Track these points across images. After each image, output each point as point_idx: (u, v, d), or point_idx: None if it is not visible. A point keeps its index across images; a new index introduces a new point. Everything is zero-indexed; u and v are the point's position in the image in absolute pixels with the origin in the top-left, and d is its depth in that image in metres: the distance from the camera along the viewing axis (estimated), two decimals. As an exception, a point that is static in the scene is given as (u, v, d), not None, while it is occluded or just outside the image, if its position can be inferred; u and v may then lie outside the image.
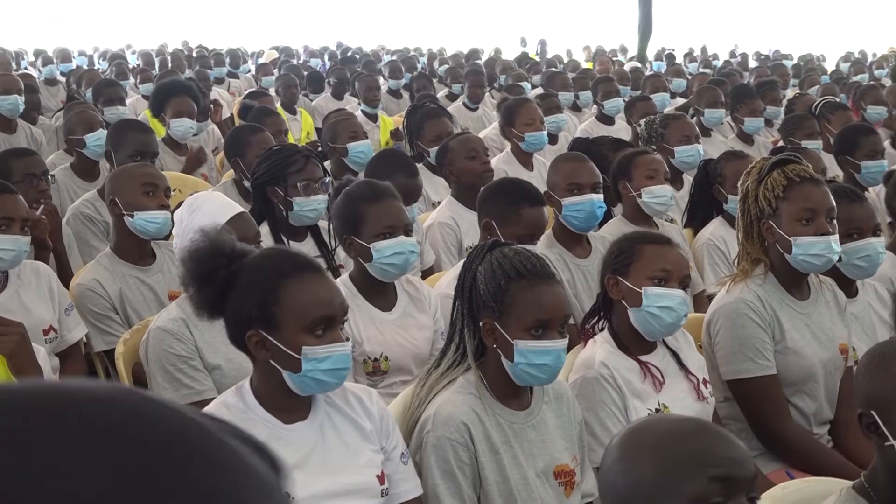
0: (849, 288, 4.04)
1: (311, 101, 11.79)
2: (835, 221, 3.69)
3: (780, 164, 3.70)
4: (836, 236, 3.67)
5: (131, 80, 13.09)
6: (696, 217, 5.46)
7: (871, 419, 2.32)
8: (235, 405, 2.74)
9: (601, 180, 4.78)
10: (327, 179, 4.89)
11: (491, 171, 5.64)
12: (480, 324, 2.96)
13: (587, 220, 4.66)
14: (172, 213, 4.20)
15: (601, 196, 4.70)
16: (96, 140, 6.25)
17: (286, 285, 2.68)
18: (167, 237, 4.47)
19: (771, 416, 3.63)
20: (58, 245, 5.05)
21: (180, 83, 8.07)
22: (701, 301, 4.93)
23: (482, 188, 4.61)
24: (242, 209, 3.93)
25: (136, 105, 10.10)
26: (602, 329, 3.49)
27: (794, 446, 3.64)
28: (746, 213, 3.75)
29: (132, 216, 4.42)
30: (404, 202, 5.09)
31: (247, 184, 5.82)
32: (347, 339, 2.76)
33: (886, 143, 7.05)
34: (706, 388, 3.49)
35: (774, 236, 3.69)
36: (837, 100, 8.89)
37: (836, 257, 3.68)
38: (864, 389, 2.37)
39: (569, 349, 3.10)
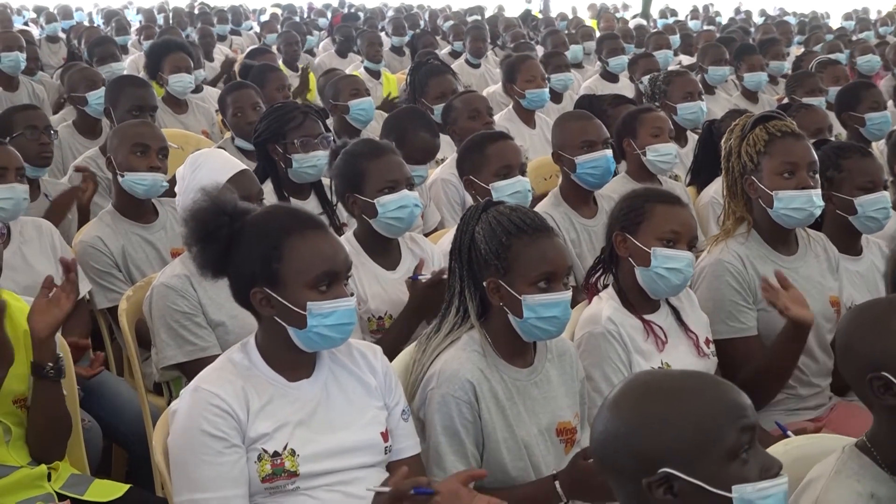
0: (852, 246, 4.04)
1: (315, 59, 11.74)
2: (817, 176, 3.70)
3: (763, 121, 3.72)
4: (819, 190, 3.68)
5: (133, 36, 13.03)
6: (700, 176, 5.45)
7: (882, 380, 2.28)
8: (241, 362, 2.74)
9: (609, 136, 4.78)
10: (328, 135, 4.87)
11: None
12: (484, 284, 2.96)
13: (603, 176, 4.66)
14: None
15: (611, 152, 4.70)
16: (98, 98, 6.23)
17: (289, 241, 2.68)
18: (169, 195, 4.46)
19: (743, 375, 3.57)
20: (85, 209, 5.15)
21: (173, 40, 8.07)
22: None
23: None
24: (245, 166, 3.93)
25: (138, 62, 10.04)
26: (606, 284, 3.48)
27: (759, 376, 3.58)
28: (730, 171, 3.78)
29: (123, 176, 4.42)
30: (423, 160, 5.13)
31: (237, 142, 5.84)
32: (352, 295, 2.76)
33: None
34: (708, 347, 3.50)
35: (757, 192, 3.70)
36: (831, 57, 8.86)
37: (818, 211, 3.69)
38: (866, 352, 2.32)
39: (572, 306, 3.10)
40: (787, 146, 3.67)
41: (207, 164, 3.80)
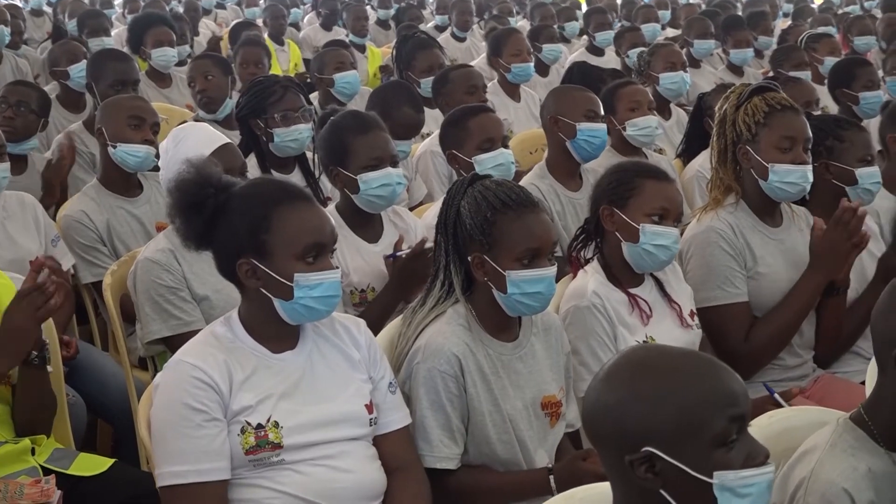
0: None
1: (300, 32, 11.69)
2: (809, 152, 3.70)
3: (760, 91, 3.72)
4: (810, 167, 3.69)
5: (117, 10, 12.95)
6: (691, 149, 5.46)
7: None
8: (224, 335, 2.74)
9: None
10: (310, 108, 4.86)
11: None
12: (469, 258, 2.95)
13: (598, 148, 4.67)
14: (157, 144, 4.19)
15: None
16: (80, 72, 6.21)
17: (277, 213, 2.68)
18: (153, 169, 4.45)
19: (735, 342, 3.65)
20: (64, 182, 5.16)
21: (155, 14, 8.06)
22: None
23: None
24: (228, 140, 3.91)
25: (122, 35, 9.99)
26: (588, 258, 3.48)
27: (756, 354, 3.67)
28: (722, 138, 3.77)
29: (115, 147, 4.40)
30: (406, 136, 5.12)
31: (200, 114, 5.83)
32: (337, 268, 2.76)
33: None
34: (693, 318, 3.50)
35: (750, 162, 3.70)
36: (821, 31, 8.85)
37: (808, 187, 3.71)
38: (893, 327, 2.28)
39: (557, 280, 3.10)
40: (787, 120, 3.67)
41: (191, 138, 3.78)
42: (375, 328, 3.13)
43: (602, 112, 4.73)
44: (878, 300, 2.38)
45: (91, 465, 3.22)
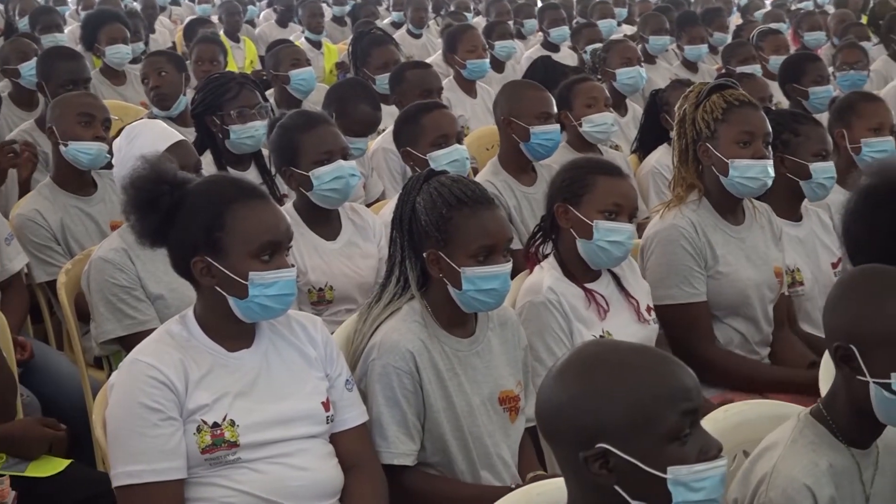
0: (793, 212, 4.08)
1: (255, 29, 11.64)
2: (770, 147, 3.72)
3: (719, 89, 3.73)
4: (771, 161, 3.71)
5: (71, 6, 12.84)
6: (646, 145, 5.48)
7: (847, 352, 2.29)
8: (179, 334, 2.72)
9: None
10: (266, 105, 4.85)
11: None
12: (424, 255, 2.95)
13: (553, 148, 4.70)
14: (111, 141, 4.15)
15: None
16: (31, 70, 6.14)
17: (232, 210, 2.67)
18: (107, 167, 4.42)
19: (695, 342, 3.67)
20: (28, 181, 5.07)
21: (109, 11, 7.99)
22: (643, 228, 4.95)
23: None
24: (182, 137, 3.89)
25: (76, 32, 9.91)
26: (547, 252, 3.49)
27: (718, 367, 3.68)
28: (683, 137, 3.78)
29: (66, 145, 4.37)
30: (363, 133, 5.12)
31: (154, 110, 5.79)
32: (293, 266, 2.75)
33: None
34: (649, 314, 3.52)
35: (711, 159, 3.71)
36: (771, 26, 8.91)
37: (769, 181, 3.72)
38: (846, 320, 2.32)
39: (514, 275, 3.11)
40: (745, 115, 3.69)
41: (144, 135, 3.75)
42: None
43: (555, 111, 4.74)
44: (827, 296, 2.41)
45: (47, 466, 3.20)
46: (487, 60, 7.17)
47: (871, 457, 2.39)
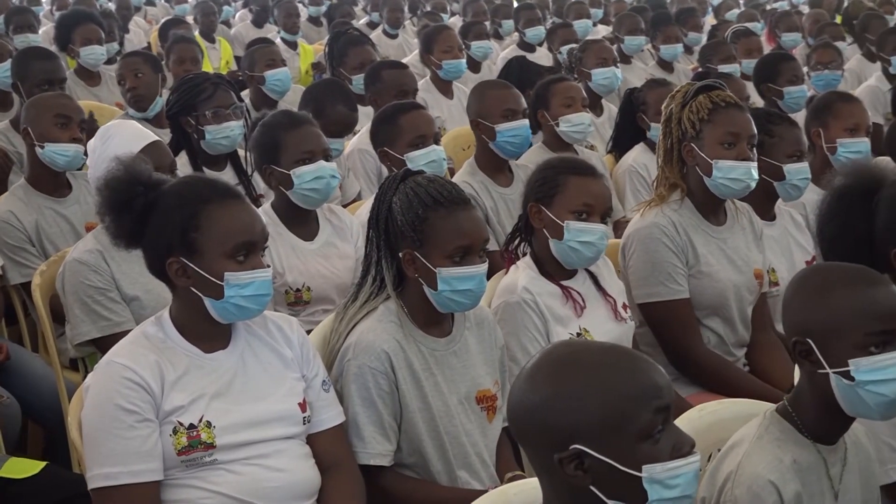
0: (767, 212, 4.10)
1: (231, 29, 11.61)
2: (755, 149, 3.73)
3: (706, 90, 3.74)
4: (756, 163, 3.72)
5: (45, 6, 12.80)
6: (621, 145, 5.49)
7: (806, 346, 2.33)
8: (155, 335, 2.72)
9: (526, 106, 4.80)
10: (241, 105, 4.84)
11: None
12: (400, 255, 2.95)
13: (522, 145, 4.70)
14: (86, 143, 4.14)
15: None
16: (5, 71, 6.11)
17: (207, 211, 2.67)
18: (81, 168, 4.41)
19: (681, 339, 3.69)
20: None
21: (83, 11, 7.94)
22: (621, 227, 4.96)
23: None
24: (157, 137, 3.88)
25: (50, 33, 9.87)
26: (524, 253, 3.50)
27: (705, 368, 3.70)
28: (668, 136, 3.78)
29: (42, 147, 4.35)
30: (340, 134, 5.12)
31: (130, 111, 5.76)
32: (268, 266, 2.75)
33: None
34: (626, 311, 3.53)
35: (695, 159, 3.72)
36: (747, 26, 8.94)
37: (753, 183, 3.73)
38: (800, 316, 2.36)
39: (491, 275, 3.11)
40: (730, 116, 3.69)
41: (119, 135, 3.75)
42: None
43: (522, 107, 4.73)
44: (783, 296, 2.45)
45: (22, 468, 3.19)
46: (464, 61, 7.18)
47: (839, 453, 2.41)
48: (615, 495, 1.92)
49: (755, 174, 3.72)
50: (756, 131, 3.75)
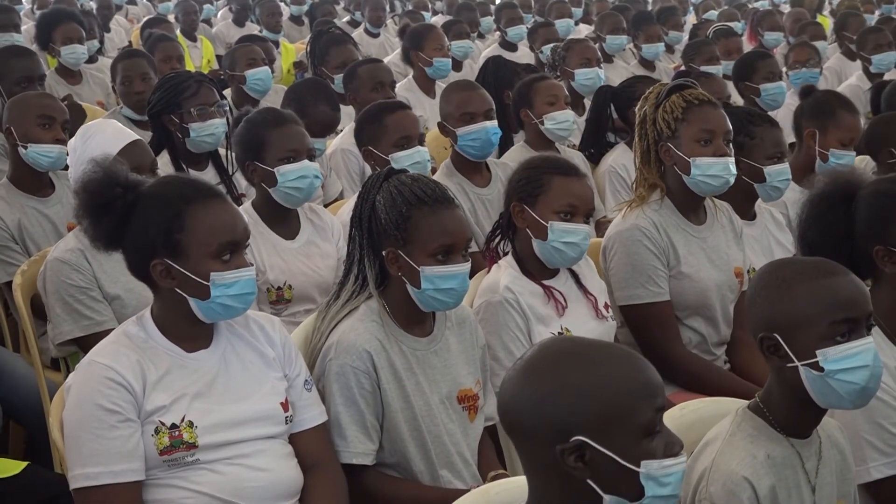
0: (747, 212, 4.11)
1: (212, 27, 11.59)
2: (731, 145, 3.75)
3: (678, 89, 3.75)
4: (733, 159, 3.73)
5: (26, 5, 12.75)
6: (589, 141, 5.53)
7: (773, 341, 2.36)
8: (136, 335, 2.72)
9: (494, 106, 4.78)
10: (224, 103, 4.83)
11: None
12: (383, 253, 2.96)
13: (483, 147, 4.66)
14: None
15: (495, 122, 4.70)
16: (-16, 70, 6.08)
17: (191, 211, 2.66)
18: (65, 168, 4.39)
19: (661, 341, 3.69)
20: None
21: (63, 10, 7.90)
22: (602, 227, 4.97)
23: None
24: (138, 137, 3.87)
25: (30, 32, 9.83)
26: (506, 251, 3.50)
27: (684, 370, 3.69)
28: (644, 138, 3.78)
29: (26, 147, 4.34)
30: (322, 133, 5.13)
31: (125, 111, 5.74)
32: (251, 265, 2.76)
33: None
34: (607, 310, 3.53)
35: (673, 158, 3.72)
36: (729, 26, 8.97)
37: (732, 179, 3.74)
38: (764, 312, 2.39)
39: (472, 274, 3.11)
40: (704, 114, 3.70)
41: (99, 135, 3.74)
42: None
43: (485, 108, 4.69)
44: (746, 295, 2.48)
45: (3, 468, 3.18)
46: (450, 60, 7.19)
47: (813, 447, 2.44)
48: (612, 489, 1.95)
49: (733, 169, 3.72)
50: (731, 127, 3.76)
